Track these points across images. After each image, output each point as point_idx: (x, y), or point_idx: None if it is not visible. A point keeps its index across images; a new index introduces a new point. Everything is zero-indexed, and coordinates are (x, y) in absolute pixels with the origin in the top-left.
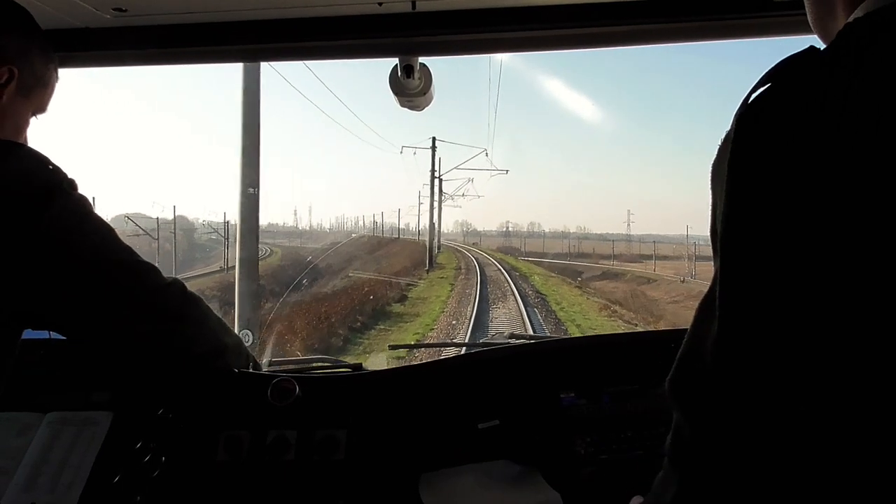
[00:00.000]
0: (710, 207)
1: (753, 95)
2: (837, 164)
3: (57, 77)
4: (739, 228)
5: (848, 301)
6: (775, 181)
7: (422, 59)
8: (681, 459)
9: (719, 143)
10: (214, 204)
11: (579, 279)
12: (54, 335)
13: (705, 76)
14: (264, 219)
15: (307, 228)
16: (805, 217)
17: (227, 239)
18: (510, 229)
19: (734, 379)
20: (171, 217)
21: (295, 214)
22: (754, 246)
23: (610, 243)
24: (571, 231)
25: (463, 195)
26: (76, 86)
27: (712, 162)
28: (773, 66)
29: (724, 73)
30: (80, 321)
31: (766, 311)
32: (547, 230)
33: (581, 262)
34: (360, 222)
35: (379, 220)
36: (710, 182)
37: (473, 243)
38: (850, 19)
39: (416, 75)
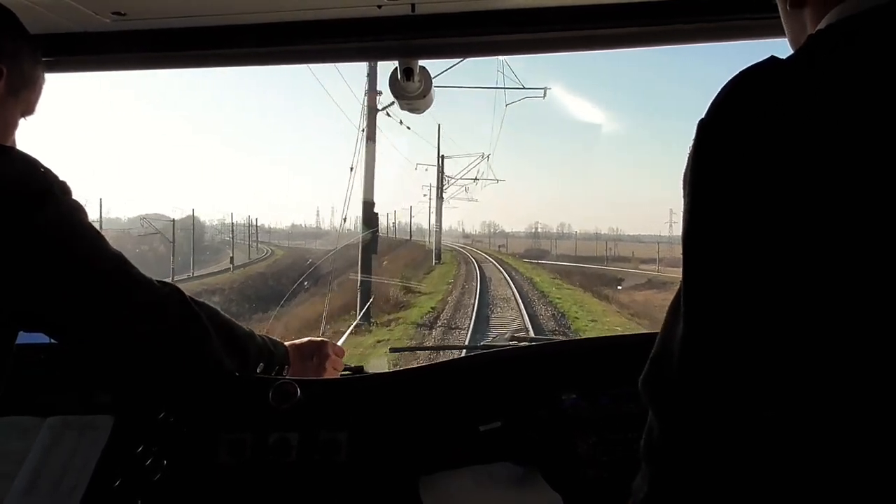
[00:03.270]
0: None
1: (716, 104)
2: (796, 168)
3: (45, 79)
4: (700, 233)
5: (813, 302)
6: (735, 186)
7: (421, 62)
8: (651, 458)
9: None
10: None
11: (619, 287)
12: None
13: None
14: (287, 220)
15: (328, 229)
16: (764, 221)
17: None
18: (539, 230)
19: (698, 378)
20: (178, 218)
21: (317, 215)
22: (714, 250)
23: (646, 245)
24: (603, 232)
25: (476, 180)
26: (84, 87)
27: (684, 170)
28: (734, 75)
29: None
30: (79, 322)
31: (727, 314)
32: (577, 231)
33: (619, 266)
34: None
35: (395, 219)
36: (681, 189)
37: (500, 245)
38: (814, 31)
39: (416, 78)
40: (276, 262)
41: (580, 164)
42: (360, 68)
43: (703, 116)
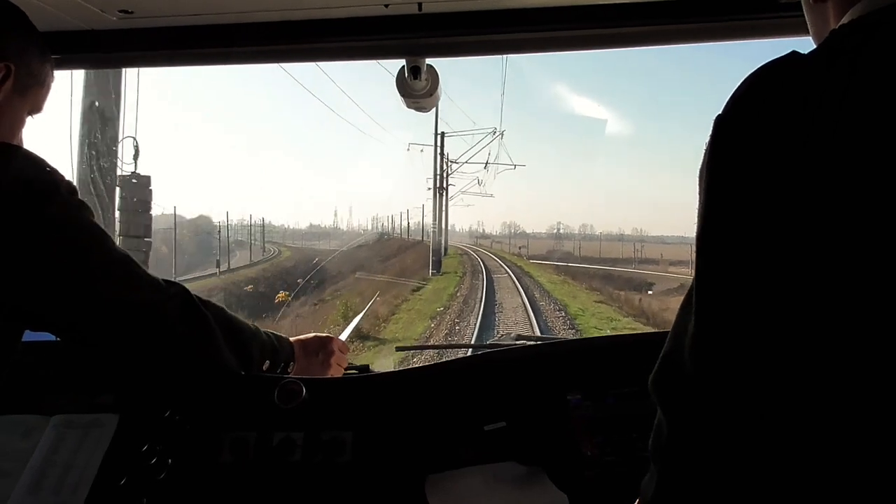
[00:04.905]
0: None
1: (734, 99)
2: (819, 165)
3: (53, 77)
4: (714, 229)
5: (826, 302)
6: (752, 182)
7: (428, 61)
8: (659, 457)
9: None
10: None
11: (650, 292)
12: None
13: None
14: (306, 220)
15: (345, 229)
16: (780, 219)
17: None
18: (561, 231)
19: (708, 376)
20: (190, 217)
21: (335, 215)
22: (728, 247)
23: (673, 247)
24: (626, 233)
25: (486, 164)
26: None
27: (699, 166)
28: (753, 70)
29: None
30: (82, 320)
31: (738, 311)
32: (599, 232)
33: (647, 269)
34: (391, 221)
35: (406, 219)
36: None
37: (521, 247)
38: (836, 26)
39: (423, 77)
40: (274, 265)
41: (602, 163)
42: (361, 65)
43: (720, 111)
